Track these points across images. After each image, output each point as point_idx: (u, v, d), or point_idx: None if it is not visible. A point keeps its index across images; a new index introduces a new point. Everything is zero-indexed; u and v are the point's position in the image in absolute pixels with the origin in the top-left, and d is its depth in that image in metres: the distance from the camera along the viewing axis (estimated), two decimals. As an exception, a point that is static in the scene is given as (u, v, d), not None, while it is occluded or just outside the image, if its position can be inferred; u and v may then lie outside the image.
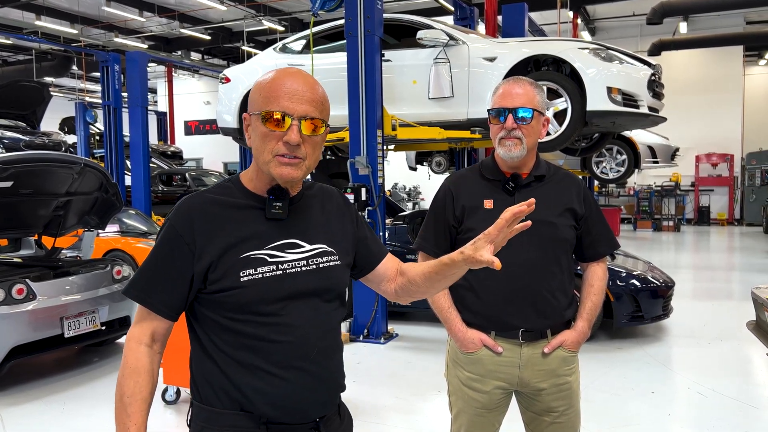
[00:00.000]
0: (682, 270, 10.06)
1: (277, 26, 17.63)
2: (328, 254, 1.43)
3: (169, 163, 14.35)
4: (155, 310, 1.35)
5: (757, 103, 20.30)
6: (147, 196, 10.25)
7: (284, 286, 1.34)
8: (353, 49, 5.78)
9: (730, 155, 18.72)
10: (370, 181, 5.79)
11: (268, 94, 1.31)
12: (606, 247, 2.15)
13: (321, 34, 7.06)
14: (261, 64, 7.30)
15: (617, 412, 4.04)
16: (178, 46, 20.61)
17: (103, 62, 10.80)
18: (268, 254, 1.35)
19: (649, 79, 5.78)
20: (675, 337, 5.87)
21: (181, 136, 23.43)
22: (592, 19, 18.76)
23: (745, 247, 13.42)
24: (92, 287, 4.99)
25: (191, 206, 1.36)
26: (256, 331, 1.33)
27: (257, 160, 1.35)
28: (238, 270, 1.31)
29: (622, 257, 6.40)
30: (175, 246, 1.33)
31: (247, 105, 1.39)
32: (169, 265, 1.33)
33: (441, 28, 6.24)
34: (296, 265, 1.37)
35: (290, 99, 1.30)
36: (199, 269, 1.32)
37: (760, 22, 18.34)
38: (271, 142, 1.30)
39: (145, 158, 10.19)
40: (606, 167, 10.55)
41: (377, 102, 5.79)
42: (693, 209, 19.07)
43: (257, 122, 1.32)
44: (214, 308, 1.34)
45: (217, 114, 7.47)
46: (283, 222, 1.39)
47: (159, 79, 24.27)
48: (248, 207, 1.38)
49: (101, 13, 17.11)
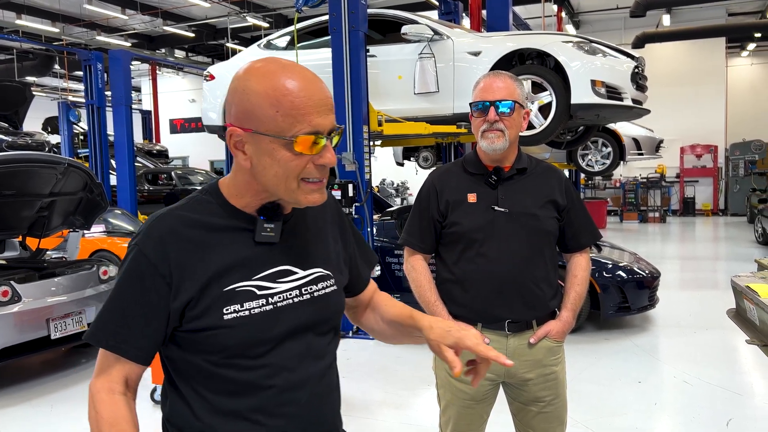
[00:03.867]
0: (668, 261, 10.16)
1: (262, 23, 17.54)
2: (324, 279, 1.24)
3: (155, 162, 14.25)
4: (130, 356, 1.12)
5: (739, 95, 20.50)
6: (133, 195, 10.18)
7: (275, 324, 1.14)
8: (338, 45, 5.77)
9: (714, 146, 18.89)
10: (357, 177, 5.79)
11: (291, 111, 1.05)
12: (588, 238, 2.19)
13: (305, 30, 7.03)
14: (245, 60, 7.26)
15: (604, 402, 4.08)
16: (161, 43, 20.45)
17: (85, 61, 10.68)
18: (257, 286, 1.14)
19: (632, 72, 5.82)
20: (661, 327, 5.93)
21: (166, 135, 23.25)
22: (576, 13, 18.83)
23: (730, 237, 13.57)
24: (78, 288, 4.96)
25: (164, 229, 1.12)
26: (240, 375, 1.13)
27: (273, 188, 1.12)
28: (221, 306, 1.10)
29: (608, 249, 6.45)
30: (148, 278, 1.09)
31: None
32: (142, 302, 1.10)
33: (426, 23, 6.25)
34: (288, 297, 1.17)
35: (320, 113, 1.07)
36: (177, 306, 1.10)
37: (742, 14, 18.51)
38: (297, 167, 1.08)
39: (130, 157, 10.11)
40: (592, 160, 10.62)
41: (363, 98, 5.79)
42: (678, 200, 19.24)
43: (276, 146, 1.07)
44: (190, 348, 1.14)
45: (202, 112, 7.43)
46: (275, 245, 1.17)
47: (143, 77, 24.07)
48: (233, 229, 1.15)
49: (83, 12, 16.93)
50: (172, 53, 20.83)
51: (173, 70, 23.59)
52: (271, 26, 17.67)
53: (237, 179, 1.17)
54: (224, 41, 18.93)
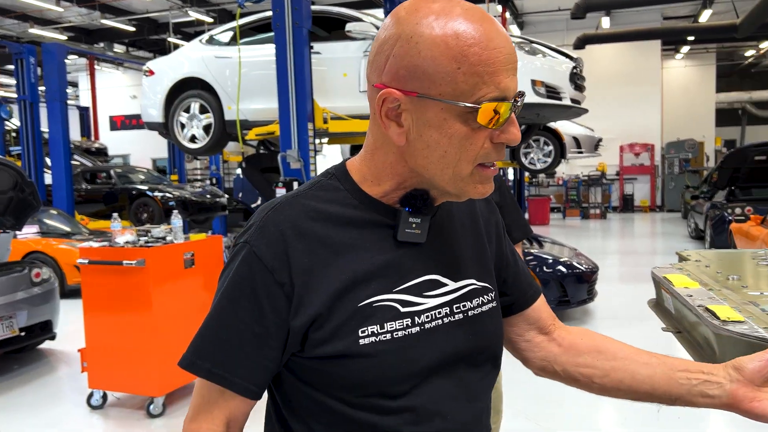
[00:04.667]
0: (607, 255, 10.50)
1: (205, 17, 17.19)
2: (479, 294, 0.95)
3: (93, 160, 13.77)
4: (239, 390, 0.87)
5: (674, 95, 21.38)
6: (69, 194, 9.83)
7: (423, 352, 0.87)
8: (281, 42, 5.70)
9: (651, 145, 19.64)
10: (303, 174, 5.74)
11: (477, 67, 0.78)
12: (519, 233, 2.28)
13: (249, 25, 6.93)
14: (186, 56, 7.11)
15: (544, 393, 4.18)
16: (100, 37, 19.76)
17: (17, 54, 10.21)
18: (400, 300, 0.87)
19: (571, 72, 5.99)
20: (600, 320, 6.13)
21: (106, 132, 22.51)
22: (520, 14, 19.23)
23: (666, 232, 14.15)
24: (8, 291, 4.75)
25: (284, 222, 0.86)
26: (378, 420, 0.86)
27: (434, 173, 0.85)
28: (355, 327, 0.84)
29: (549, 244, 6.62)
30: (261, 287, 0.84)
31: (175, 97, 0.91)
32: (254, 319, 0.85)
33: (370, 21, 6.25)
34: (437, 316, 0.89)
35: (507, 72, 0.80)
36: (298, 325, 0.84)
37: (676, 18, 19.31)
38: (474, 145, 0.82)
39: (66, 155, 9.76)
40: (534, 158, 10.87)
41: (307, 95, 5.74)
42: (618, 197, 19.92)
43: (449, 116, 0.80)
44: (311, 381, 0.88)
45: (142, 108, 7.23)
46: (420, 247, 0.90)
47: (81, 72, 23.20)
48: (370, 223, 0.89)
49: (14, 2, 16.18)
50: (111, 48, 20.15)
51: (113, 65, 22.84)
52: (215, 21, 17.33)
53: (376, 160, 0.89)
54: (166, 36, 18.45)
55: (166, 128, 7.13)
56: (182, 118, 7.01)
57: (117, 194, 11.02)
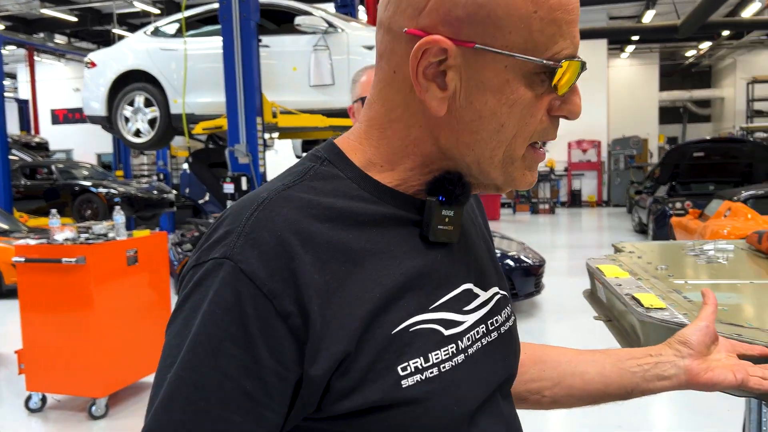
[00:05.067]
0: (555, 249, 10.76)
1: (151, 8, 16.74)
2: (505, 304, 0.77)
3: (33, 155, 13.26)
4: None
5: (619, 93, 22.02)
6: (7, 191, 9.46)
7: (471, 387, 0.65)
8: (228, 34, 5.60)
9: (598, 141, 20.19)
10: (251, 170, 5.67)
11: (557, 8, 0.59)
12: None
13: (195, 17, 6.79)
14: (130, 48, 6.91)
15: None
16: (40, 27, 18.99)
17: (-51, 43, 9.75)
18: (441, 321, 0.64)
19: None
20: (547, 312, 6.27)
21: (48, 126, 21.68)
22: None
23: (612, 226, 14.59)
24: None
25: (281, 224, 0.59)
26: None
27: (479, 154, 0.64)
28: (394, 363, 0.60)
29: (498, 238, 6.73)
30: (255, 321, 0.56)
31: (118, 90, 0.68)
32: (244, 372, 0.56)
33: (320, 15, 6.21)
34: (475, 337, 0.68)
35: (573, 24, 0.62)
36: (320, 372, 0.57)
37: (621, 18, 19.88)
38: (535, 117, 0.63)
39: (3, 150, 9.39)
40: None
41: (255, 88, 5.67)
42: (567, 193, 20.41)
43: (513, 77, 0.61)
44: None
45: (84, 101, 7.00)
46: (450, 248, 0.69)
47: (19, 63, 22.26)
48: (391, 221, 0.65)
49: (-53, -11, 15.41)
50: (52, 38, 19.39)
51: (54, 57, 22.00)
52: (162, 13, 16.88)
53: (390, 137, 0.66)
54: (111, 27, 17.88)
55: (109, 122, 6.93)
56: (126, 112, 6.82)
57: (59, 190, 10.65)
